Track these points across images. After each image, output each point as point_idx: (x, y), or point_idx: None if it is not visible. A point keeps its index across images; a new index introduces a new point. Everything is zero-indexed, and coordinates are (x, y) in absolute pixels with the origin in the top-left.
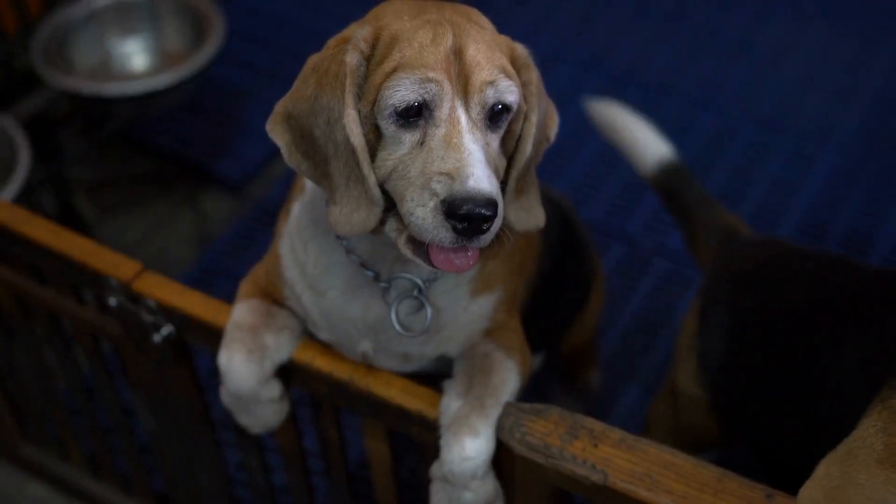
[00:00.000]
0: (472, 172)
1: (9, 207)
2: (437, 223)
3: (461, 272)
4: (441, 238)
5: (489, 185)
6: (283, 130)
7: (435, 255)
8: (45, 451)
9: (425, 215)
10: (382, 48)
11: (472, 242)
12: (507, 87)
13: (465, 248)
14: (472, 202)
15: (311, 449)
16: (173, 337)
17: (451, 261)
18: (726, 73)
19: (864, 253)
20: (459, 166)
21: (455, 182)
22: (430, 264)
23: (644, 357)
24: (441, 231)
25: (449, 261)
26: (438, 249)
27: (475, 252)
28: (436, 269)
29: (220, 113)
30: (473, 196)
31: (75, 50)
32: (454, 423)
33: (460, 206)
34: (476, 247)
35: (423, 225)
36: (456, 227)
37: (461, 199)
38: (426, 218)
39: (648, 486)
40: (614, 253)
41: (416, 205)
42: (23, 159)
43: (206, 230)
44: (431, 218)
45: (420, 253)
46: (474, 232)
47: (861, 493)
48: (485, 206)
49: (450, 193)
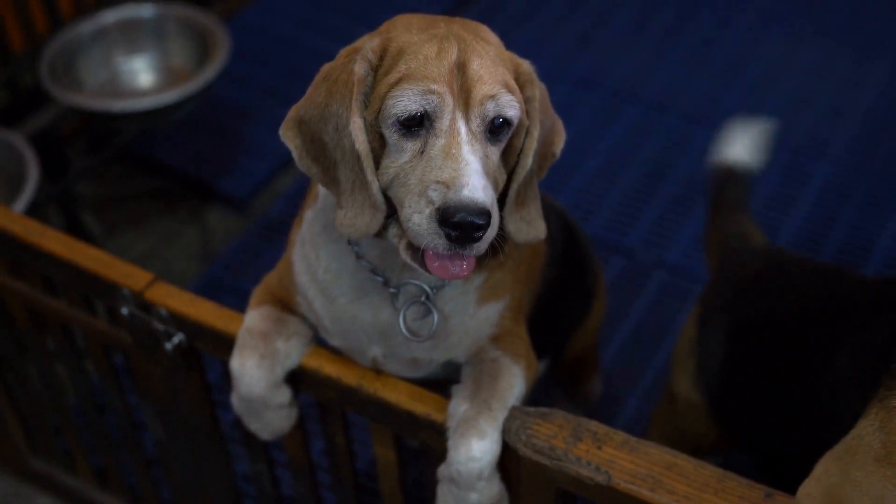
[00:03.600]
0: (467, 182)
1: (23, 220)
2: (431, 230)
3: (456, 279)
4: (435, 244)
5: (483, 195)
6: (295, 135)
7: (430, 261)
8: (54, 465)
9: (421, 221)
10: (389, 59)
11: (464, 250)
12: (508, 101)
13: (461, 255)
14: (465, 211)
15: (320, 463)
16: (184, 345)
17: (447, 268)
18: (722, 90)
19: (860, 266)
20: (455, 176)
21: (450, 191)
22: (426, 270)
23: (644, 369)
24: (435, 237)
25: (444, 267)
26: (434, 256)
27: (471, 260)
28: (431, 275)
29: (224, 130)
30: (467, 205)
31: (82, 67)
32: (461, 424)
33: (453, 214)
34: (470, 254)
35: (418, 231)
36: (449, 234)
37: (455, 208)
38: (421, 224)
39: (651, 487)
40: (614, 266)
41: (412, 211)
42: (31, 176)
43: (210, 246)
44: (426, 224)
45: (418, 258)
46: (467, 240)
47: (858, 490)
48: (478, 215)
49: (444, 201)
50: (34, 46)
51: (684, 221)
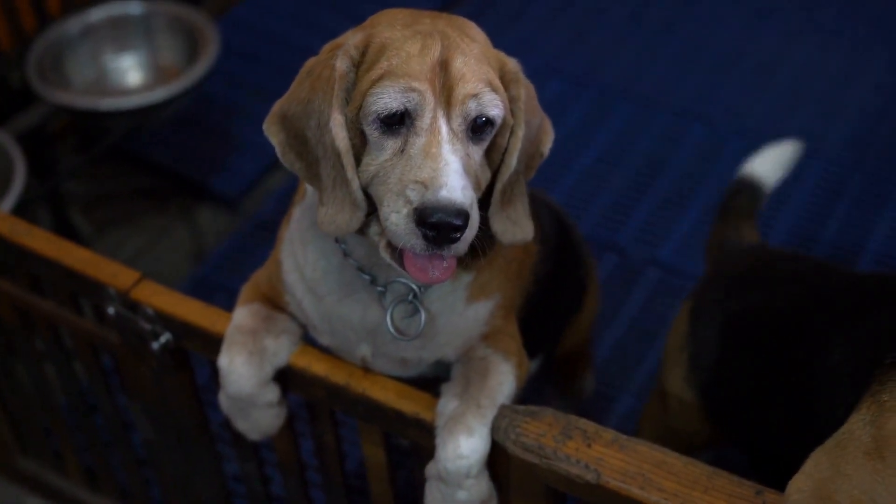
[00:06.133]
0: (445, 182)
1: (9, 219)
2: (408, 230)
3: (433, 284)
4: (412, 244)
5: (462, 195)
6: (279, 130)
7: (408, 262)
8: (44, 465)
9: (399, 221)
10: (372, 55)
11: (442, 250)
12: (491, 100)
13: (440, 256)
14: (442, 211)
15: (309, 462)
16: (171, 344)
17: (425, 270)
18: (716, 86)
19: (852, 263)
20: (434, 175)
21: (428, 191)
22: (405, 270)
23: (637, 366)
24: (412, 238)
25: (422, 269)
26: (412, 256)
27: (451, 262)
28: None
29: (214, 128)
30: (444, 205)
31: (70, 66)
32: (450, 421)
33: (430, 215)
34: (449, 255)
35: (396, 230)
36: (426, 234)
37: (432, 208)
38: (399, 224)
39: (641, 485)
40: (607, 263)
41: (390, 210)
42: (18, 175)
43: (200, 245)
44: (404, 224)
45: (397, 258)
46: (444, 240)
47: (849, 484)
48: (455, 215)
49: (422, 202)
50: (22, 44)
51: (677, 219)
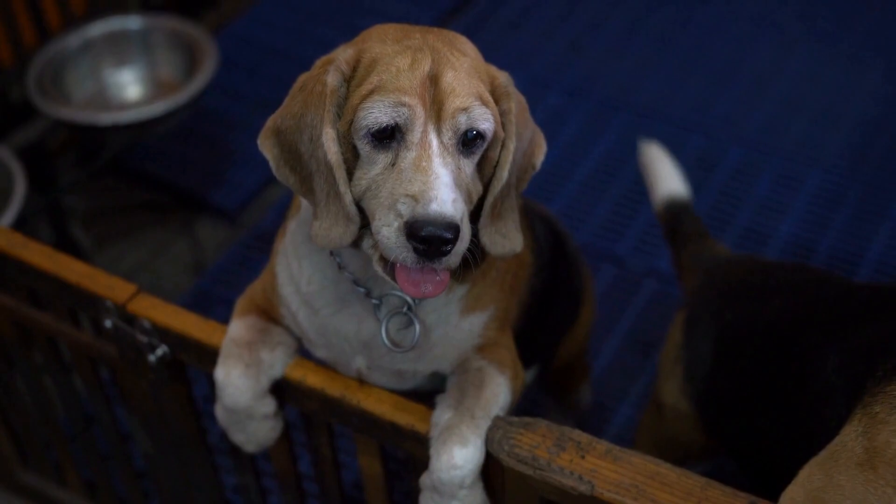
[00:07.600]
0: (435, 196)
1: (6, 233)
2: (399, 243)
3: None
4: (403, 258)
5: (453, 209)
6: (273, 145)
7: (399, 275)
8: (44, 478)
9: (390, 235)
10: (363, 70)
11: (433, 264)
12: (482, 114)
13: (432, 270)
14: (432, 225)
15: (306, 473)
16: (168, 357)
17: (417, 284)
18: (713, 96)
19: (850, 273)
20: (424, 189)
21: (419, 204)
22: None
23: (634, 377)
24: (403, 251)
25: (414, 283)
26: (403, 270)
27: (444, 276)
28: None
29: (213, 141)
30: (434, 219)
31: (70, 80)
32: (444, 432)
33: (421, 228)
34: (441, 268)
35: (387, 244)
36: (417, 248)
37: (422, 222)
38: (390, 238)
39: (634, 496)
40: (605, 275)
41: (382, 224)
42: (18, 189)
43: (200, 258)
44: (395, 238)
45: (390, 271)
46: (435, 254)
47: (841, 495)
48: (445, 229)
49: (412, 215)
50: (22, 59)
51: None
